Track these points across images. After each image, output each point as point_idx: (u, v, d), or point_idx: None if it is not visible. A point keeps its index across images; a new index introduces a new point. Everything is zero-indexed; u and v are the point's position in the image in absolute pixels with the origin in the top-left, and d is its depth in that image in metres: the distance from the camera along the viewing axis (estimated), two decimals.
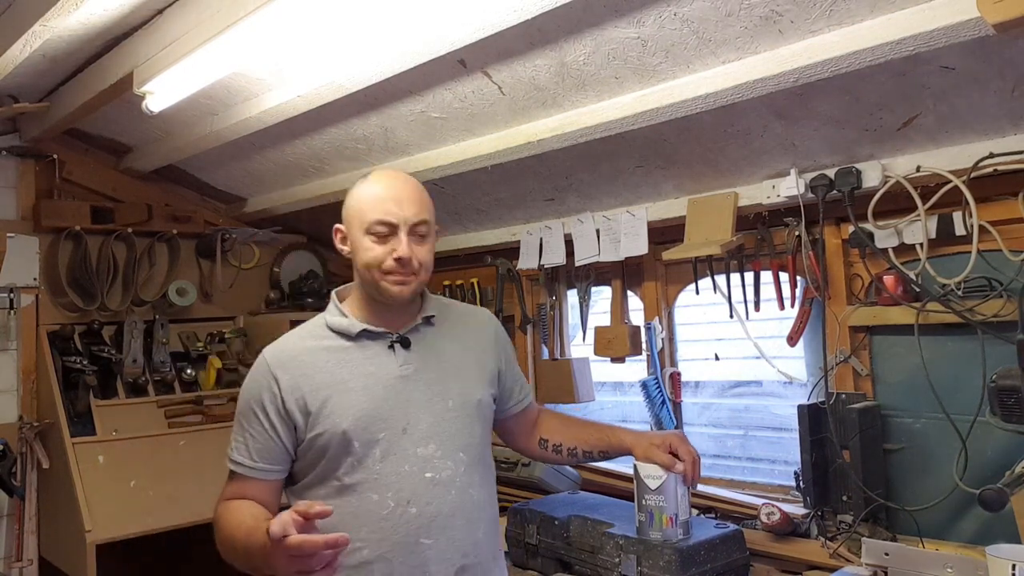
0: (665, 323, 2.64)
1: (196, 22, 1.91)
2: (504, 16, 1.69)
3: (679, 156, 2.20)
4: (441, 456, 1.55)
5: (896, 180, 1.90)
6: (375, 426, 1.52)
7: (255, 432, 1.55)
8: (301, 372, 1.55)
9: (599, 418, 3.11)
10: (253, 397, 1.56)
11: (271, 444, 1.55)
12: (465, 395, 1.61)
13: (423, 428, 1.55)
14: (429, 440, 1.55)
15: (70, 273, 3.05)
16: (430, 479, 1.53)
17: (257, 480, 1.56)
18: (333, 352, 1.57)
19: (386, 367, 1.57)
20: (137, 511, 2.69)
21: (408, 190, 1.55)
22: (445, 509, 1.53)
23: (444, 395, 1.59)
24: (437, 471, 1.54)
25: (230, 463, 1.58)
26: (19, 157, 3.03)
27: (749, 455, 2.61)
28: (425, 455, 1.54)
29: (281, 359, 1.57)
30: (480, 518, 1.59)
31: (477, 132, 2.36)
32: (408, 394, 1.56)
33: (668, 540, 1.88)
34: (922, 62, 1.60)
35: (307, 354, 1.57)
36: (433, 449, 1.54)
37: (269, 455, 1.55)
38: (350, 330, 1.58)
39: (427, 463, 1.53)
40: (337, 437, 1.51)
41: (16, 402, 2.99)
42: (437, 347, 1.63)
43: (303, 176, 2.98)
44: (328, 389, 1.53)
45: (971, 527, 1.89)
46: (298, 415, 1.53)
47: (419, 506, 1.51)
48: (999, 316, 1.78)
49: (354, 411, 1.52)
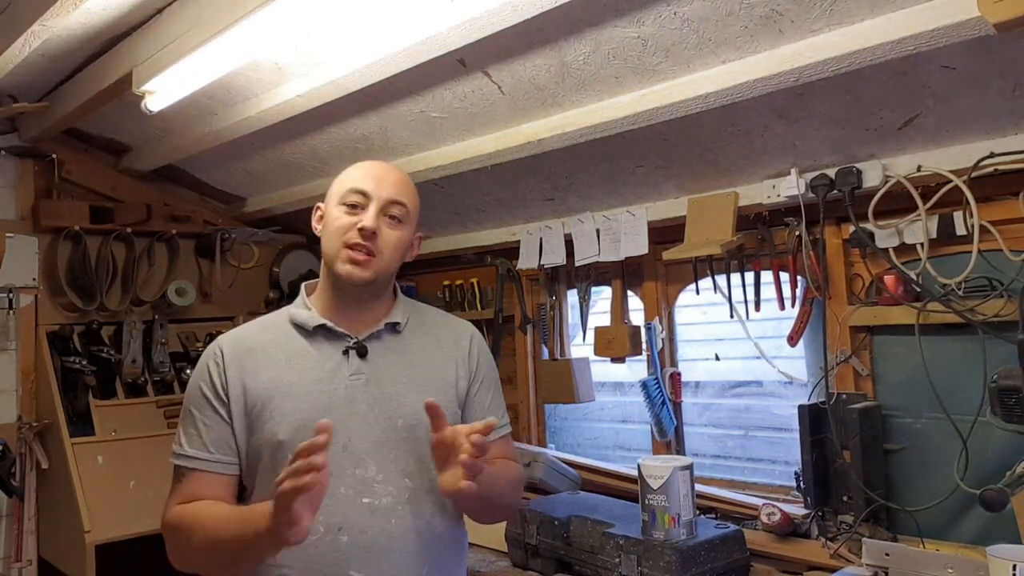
0: (665, 323, 2.64)
1: (195, 21, 1.91)
2: (504, 15, 1.69)
3: (679, 156, 2.20)
4: (382, 480, 1.39)
5: (897, 180, 1.90)
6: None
7: (209, 420, 1.42)
8: (250, 365, 1.44)
9: (599, 418, 3.12)
10: (205, 382, 1.44)
11: (227, 432, 1.42)
12: (419, 415, 1.37)
13: (365, 447, 1.40)
14: (370, 461, 1.40)
15: (69, 273, 3.05)
16: (367, 505, 1.38)
17: (215, 475, 1.41)
18: (286, 349, 1.46)
19: (335, 375, 1.44)
20: (136, 511, 2.69)
21: (393, 173, 1.49)
22: (381, 540, 1.37)
23: (393, 413, 1.43)
24: (376, 496, 1.38)
25: (179, 459, 1.42)
26: (18, 157, 3.03)
27: (749, 455, 2.60)
28: (364, 478, 1.39)
29: (236, 349, 1.46)
30: (425, 553, 1.41)
31: (477, 132, 2.35)
32: (354, 407, 1.42)
33: (671, 540, 1.87)
34: (923, 61, 1.60)
35: (261, 348, 1.47)
36: (374, 472, 1.39)
37: (226, 445, 1.42)
38: (307, 323, 1.47)
39: (366, 487, 1.38)
40: (271, 446, 1.39)
41: (15, 402, 2.98)
42: (398, 359, 1.49)
43: (303, 176, 2.98)
44: (271, 391, 1.42)
45: (972, 527, 1.89)
46: (236, 411, 1.42)
47: (351, 534, 1.36)
48: (1000, 316, 1.77)
49: (293, 420, 1.39)
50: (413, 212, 1.50)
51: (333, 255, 1.45)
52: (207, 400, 1.44)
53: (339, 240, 1.44)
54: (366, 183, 1.45)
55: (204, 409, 1.44)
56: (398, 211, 1.46)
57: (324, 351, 1.47)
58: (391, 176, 1.49)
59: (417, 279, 3.45)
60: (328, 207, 1.49)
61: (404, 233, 1.48)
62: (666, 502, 1.91)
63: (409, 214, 1.49)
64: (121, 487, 2.74)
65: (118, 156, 3.19)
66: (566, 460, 2.75)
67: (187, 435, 1.44)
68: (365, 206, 1.44)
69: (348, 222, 1.43)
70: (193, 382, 1.48)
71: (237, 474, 1.45)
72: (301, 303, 1.54)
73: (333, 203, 1.48)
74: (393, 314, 1.52)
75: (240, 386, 1.43)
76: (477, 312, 3.13)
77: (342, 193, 1.46)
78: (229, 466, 1.43)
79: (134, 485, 2.76)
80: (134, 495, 2.74)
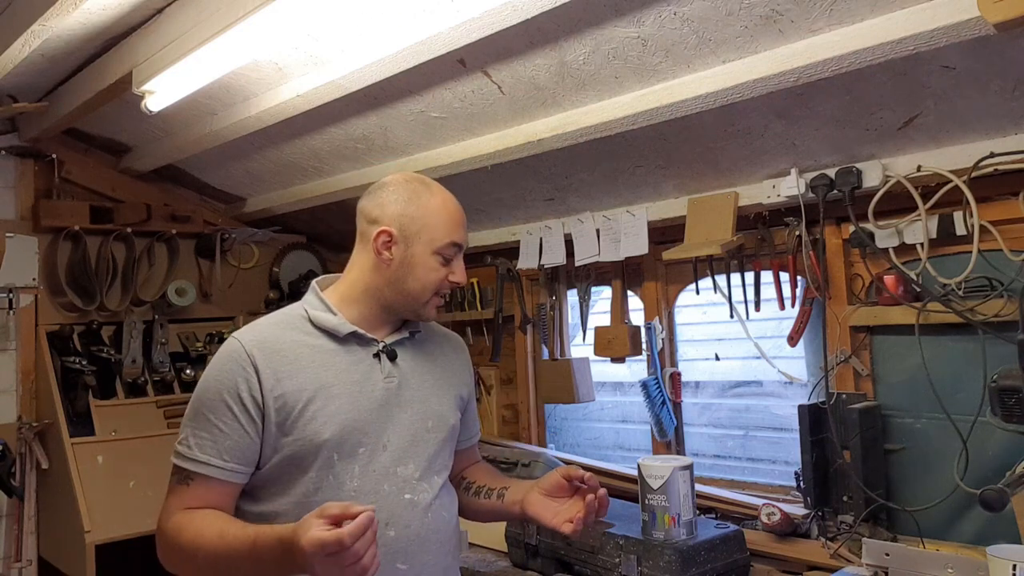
0: (665, 323, 2.64)
1: (195, 21, 1.91)
2: (504, 15, 1.69)
3: (679, 156, 2.20)
4: (419, 477, 1.47)
5: (897, 180, 1.90)
6: (356, 439, 1.41)
7: (226, 427, 1.36)
8: (284, 366, 1.40)
9: (599, 418, 3.12)
10: (226, 386, 1.37)
11: (246, 441, 1.37)
12: (443, 417, 1.54)
13: (403, 447, 1.46)
14: (409, 460, 1.46)
15: (69, 273, 3.05)
16: (409, 501, 1.44)
17: (225, 484, 1.38)
18: (317, 351, 1.44)
19: (371, 377, 1.46)
20: (136, 511, 2.69)
21: (463, 212, 1.53)
22: (422, 533, 1.45)
23: (424, 414, 1.51)
24: (416, 493, 1.46)
25: (189, 463, 1.36)
26: (18, 157, 3.03)
27: (749, 455, 2.60)
28: (405, 475, 1.45)
29: (263, 347, 1.40)
30: (450, 543, 1.53)
31: (477, 132, 2.36)
32: (390, 409, 1.46)
33: (671, 540, 1.87)
34: (923, 61, 1.60)
35: (290, 349, 1.42)
36: (412, 469, 1.46)
37: (241, 455, 1.37)
38: (338, 330, 1.45)
39: (406, 484, 1.45)
40: (315, 446, 1.38)
41: (15, 402, 2.98)
42: (420, 364, 1.55)
43: (302, 176, 2.98)
44: (311, 391, 1.40)
45: (972, 527, 1.89)
46: (273, 413, 1.37)
47: (397, 529, 1.41)
48: (1000, 316, 1.78)
49: (338, 420, 1.40)
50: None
51: (419, 300, 1.49)
52: (228, 407, 1.37)
53: (433, 290, 1.49)
54: (461, 235, 1.50)
55: (223, 416, 1.37)
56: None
57: (356, 354, 1.47)
58: (464, 216, 1.53)
59: None
60: (415, 246, 1.46)
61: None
62: (666, 502, 1.91)
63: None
64: (121, 487, 2.74)
65: (118, 156, 3.19)
66: (566, 460, 2.75)
67: (197, 438, 1.37)
68: (456, 258, 1.50)
69: (444, 273, 1.49)
70: (211, 385, 1.40)
71: (242, 481, 1.41)
72: (321, 305, 1.49)
73: (424, 245, 1.46)
74: (412, 323, 1.57)
75: (277, 390, 1.39)
76: (477, 312, 3.13)
77: (440, 243, 1.47)
78: (237, 475, 1.39)
79: (134, 485, 2.76)
80: (134, 495, 2.74)
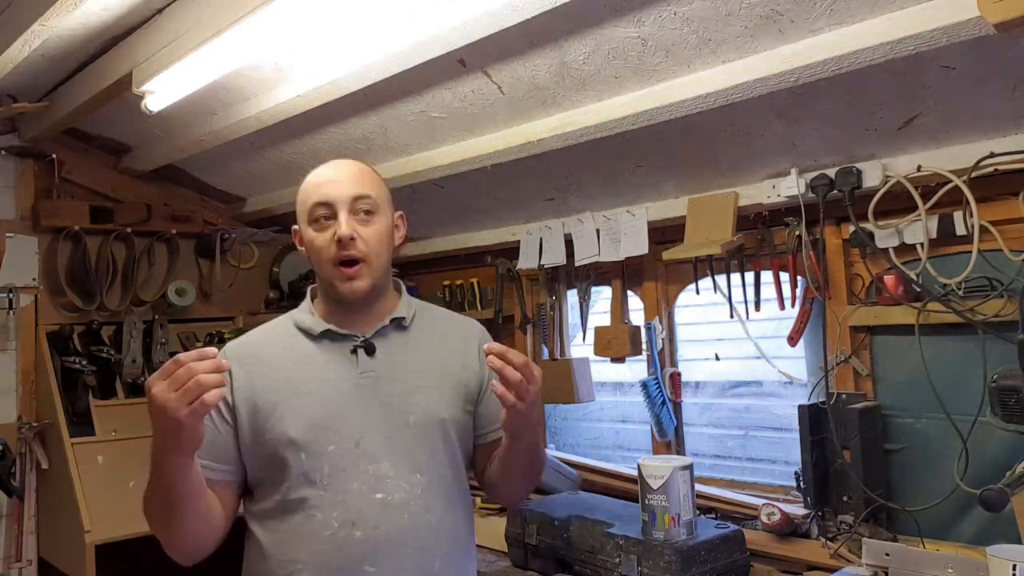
0: (665, 323, 2.64)
1: (195, 21, 1.91)
2: (504, 15, 1.69)
3: (679, 156, 2.20)
4: (394, 476, 1.40)
5: (897, 180, 1.90)
6: (324, 437, 1.39)
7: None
8: (256, 368, 1.44)
9: (599, 418, 3.12)
10: None
11: (220, 439, 1.41)
12: (429, 411, 1.45)
13: (377, 443, 1.41)
14: (382, 457, 1.41)
15: (69, 273, 3.05)
16: (380, 500, 1.39)
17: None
18: (293, 352, 1.46)
19: (344, 373, 1.44)
20: (136, 511, 2.64)
21: (346, 169, 1.47)
22: (395, 535, 1.38)
23: (404, 409, 1.44)
24: (389, 492, 1.39)
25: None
26: (18, 157, 3.03)
27: (749, 455, 2.61)
28: (377, 473, 1.40)
29: (239, 352, 1.46)
30: (437, 548, 1.42)
31: (477, 132, 2.35)
32: (365, 405, 1.42)
33: (671, 540, 1.87)
34: (923, 61, 1.60)
35: (267, 350, 1.47)
36: (387, 468, 1.40)
37: (214, 451, 1.39)
38: (313, 329, 1.47)
39: (379, 483, 1.39)
40: (283, 445, 1.39)
41: (15, 402, 2.98)
42: (406, 355, 1.49)
43: (303, 176, 2.94)
44: (280, 391, 1.42)
45: (972, 527, 1.89)
46: (244, 414, 1.41)
47: (365, 529, 1.37)
48: (1000, 316, 1.77)
49: (304, 418, 1.39)
50: (382, 198, 1.48)
51: (328, 278, 1.44)
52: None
53: (326, 261, 1.42)
54: (326, 192, 1.43)
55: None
56: (366, 204, 1.44)
57: (331, 351, 1.46)
58: (345, 172, 1.46)
59: (417, 279, 3.44)
60: (301, 227, 1.48)
61: (381, 223, 1.46)
62: (666, 502, 1.91)
63: (378, 202, 1.46)
64: (121, 487, 2.73)
65: (118, 156, 3.19)
66: (566, 460, 2.75)
67: None
68: (334, 215, 1.42)
69: (326, 239, 1.42)
70: None
71: (228, 481, 1.43)
72: (306, 308, 1.52)
73: (304, 224, 1.46)
74: (398, 309, 1.51)
75: (248, 389, 1.42)
76: (477, 312, 3.12)
77: (308, 212, 1.45)
78: (216, 471, 1.41)
79: (134, 485, 2.76)
80: (134, 495, 2.70)
